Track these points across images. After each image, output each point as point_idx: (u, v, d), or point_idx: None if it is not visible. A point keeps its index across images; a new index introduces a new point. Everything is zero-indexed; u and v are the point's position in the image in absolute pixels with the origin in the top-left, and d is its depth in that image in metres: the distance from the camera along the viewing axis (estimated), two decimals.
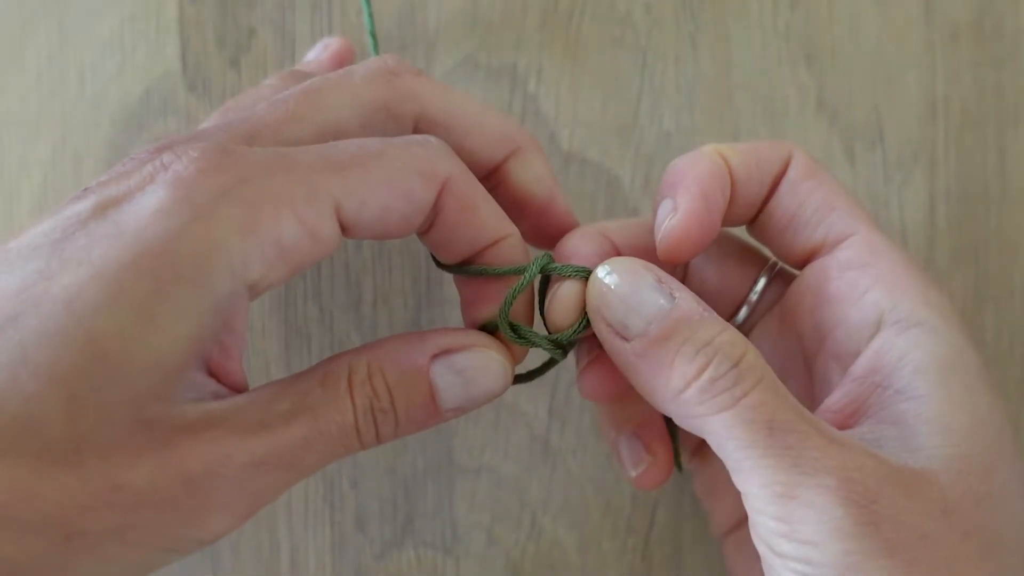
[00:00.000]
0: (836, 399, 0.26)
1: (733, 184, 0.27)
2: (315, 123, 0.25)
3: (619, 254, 0.27)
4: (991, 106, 0.34)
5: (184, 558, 0.23)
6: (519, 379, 0.28)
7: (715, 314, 0.25)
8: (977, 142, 0.34)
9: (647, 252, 0.27)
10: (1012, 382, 0.34)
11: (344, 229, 0.24)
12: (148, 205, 0.22)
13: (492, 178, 0.28)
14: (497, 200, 0.28)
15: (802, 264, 0.28)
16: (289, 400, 0.24)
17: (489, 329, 0.27)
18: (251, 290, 0.23)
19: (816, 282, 0.27)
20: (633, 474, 0.30)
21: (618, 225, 0.28)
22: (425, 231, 0.26)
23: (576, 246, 0.27)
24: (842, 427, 0.25)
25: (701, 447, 0.31)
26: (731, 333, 0.24)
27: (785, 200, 0.28)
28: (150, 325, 0.21)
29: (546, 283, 0.28)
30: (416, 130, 0.27)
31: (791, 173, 0.28)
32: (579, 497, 0.34)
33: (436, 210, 0.25)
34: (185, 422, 0.22)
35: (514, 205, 0.29)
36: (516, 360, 0.27)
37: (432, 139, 0.26)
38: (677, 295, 0.25)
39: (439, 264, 0.28)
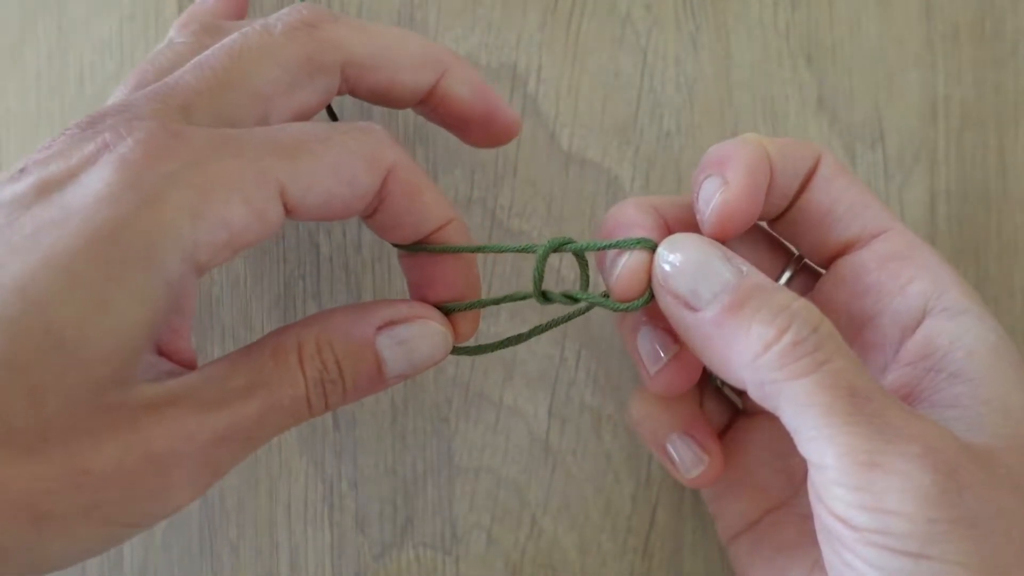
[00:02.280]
0: (891, 383, 0.26)
1: (771, 174, 0.27)
2: (246, 90, 0.26)
3: (669, 227, 0.28)
4: (991, 106, 0.34)
5: (148, 530, 0.24)
6: (472, 351, 0.29)
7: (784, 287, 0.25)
8: (977, 142, 0.34)
9: (691, 229, 0.27)
10: None
11: (288, 211, 0.25)
12: (94, 189, 0.22)
13: (428, 102, 0.29)
14: (440, 120, 0.30)
15: (829, 260, 0.28)
16: (243, 375, 0.24)
17: (445, 310, 0.28)
18: (199, 270, 0.23)
19: (852, 275, 0.28)
20: (691, 475, 0.29)
21: (661, 200, 0.29)
22: (370, 215, 0.27)
23: (633, 217, 0.27)
24: None
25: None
26: (806, 301, 0.24)
27: (819, 195, 0.28)
28: (105, 311, 0.22)
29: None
30: (344, 77, 0.27)
31: (823, 170, 0.28)
32: (579, 497, 0.34)
33: (381, 196, 0.26)
34: (145, 402, 0.23)
35: (458, 121, 0.30)
36: (459, 332, 0.28)
37: (377, 127, 0.26)
38: (744, 268, 0.25)
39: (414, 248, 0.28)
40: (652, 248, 0.26)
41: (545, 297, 0.28)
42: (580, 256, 0.28)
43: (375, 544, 0.34)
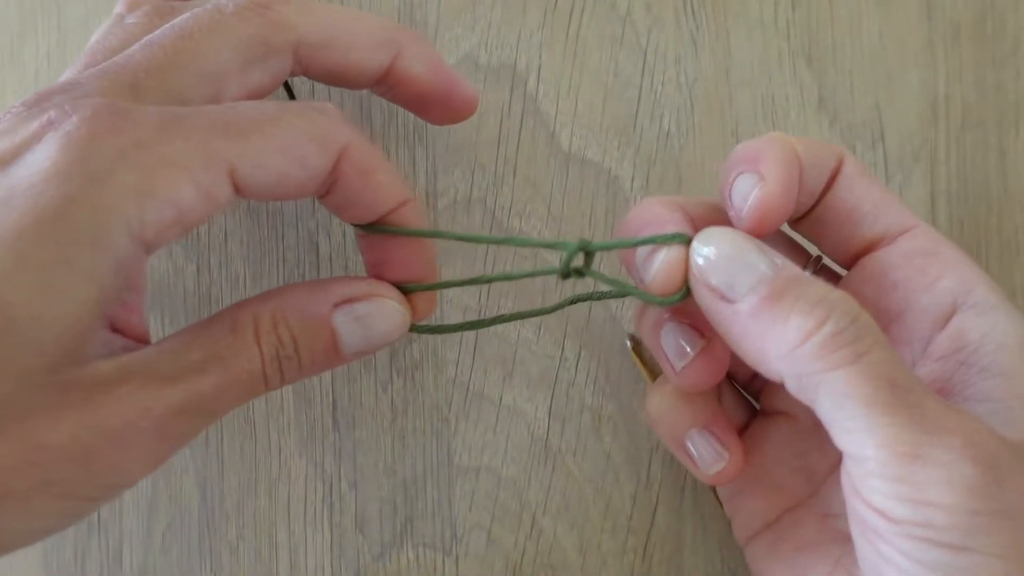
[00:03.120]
0: (922, 377, 0.26)
1: (800, 172, 0.27)
2: (196, 69, 0.25)
3: (695, 225, 0.27)
4: (992, 106, 0.34)
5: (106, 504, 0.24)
6: (430, 330, 0.29)
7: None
8: (978, 142, 0.34)
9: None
10: None
11: (239, 191, 0.24)
12: (40, 167, 0.22)
13: (386, 82, 0.29)
14: (399, 100, 0.30)
15: (854, 258, 0.28)
16: (199, 350, 0.24)
17: (404, 289, 0.28)
18: (148, 248, 0.23)
19: (879, 271, 0.28)
20: (711, 472, 0.29)
21: (683, 200, 0.28)
22: (324, 195, 0.27)
23: (662, 214, 0.27)
24: None
25: None
26: (843, 292, 0.24)
27: (844, 194, 0.28)
28: (56, 291, 0.22)
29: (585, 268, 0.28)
30: (297, 57, 0.27)
31: (848, 169, 0.28)
32: (579, 497, 0.34)
33: (334, 176, 0.26)
34: (100, 378, 0.23)
35: (417, 99, 0.30)
36: (417, 312, 0.28)
37: (330, 106, 0.26)
38: (779, 260, 0.25)
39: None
40: (687, 243, 0.26)
41: (577, 273, 0.27)
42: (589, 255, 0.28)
43: (375, 544, 0.34)
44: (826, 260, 0.30)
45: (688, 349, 0.28)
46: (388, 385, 0.34)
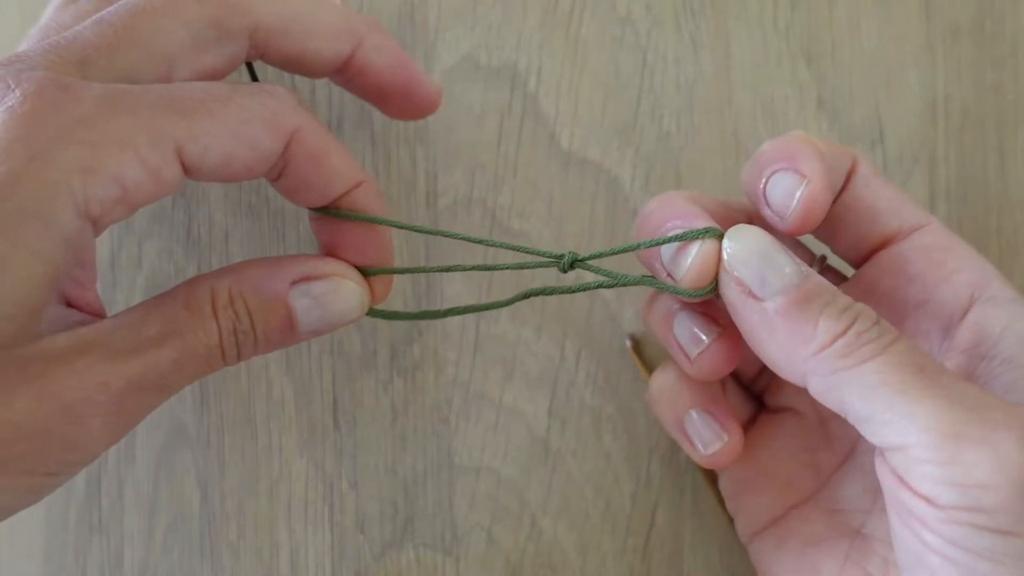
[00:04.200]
0: None
1: None
2: (147, 48, 0.25)
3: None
4: (991, 106, 0.34)
5: (68, 480, 0.24)
6: (387, 315, 0.29)
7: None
8: (977, 142, 0.34)
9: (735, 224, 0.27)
10: None
11: (187, 171, 0.24)
12: None
13: (346, 72, 0.29)
14: (359, 91, 0.29)
15: (866, 256, 0.29)
16: (156, 324, 0.24)
17: (366, 273, 0.28)
18: (95, 225, 0.23)
19: (895, 265, 0.28)
20: (708, 452, 0.29)
21: (699, 196, 0.28)
22: (275, 179, 0.27)
23: (688, 208, 0.27)
24: None
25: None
26: (863, 304, 0.25)
27: (860, 192, 0.28)
28: (4, 270, 0.22)
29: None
30: (253, 42, 0.27)
31: (862, 170, 0.28)
32: (579, 498, 0.34)
33: (285, 159, 0.26)
34: (56, 352, 0.23)
35: (377, 91, 0.29)
36: (375, 295, 0.28)
37: (280, 89, 0.26)
38: (804, 266, 0.25)
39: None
40: (719, 236, 0.26)
41: (571, 266, 0.28)
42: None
43: (375, 544, 0.34)
44: (830, 260, 0.30)
45: (704, 337, 0.28)
46: (389, 385, 0.34)
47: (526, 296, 0.28)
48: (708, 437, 0.29)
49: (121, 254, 0.34)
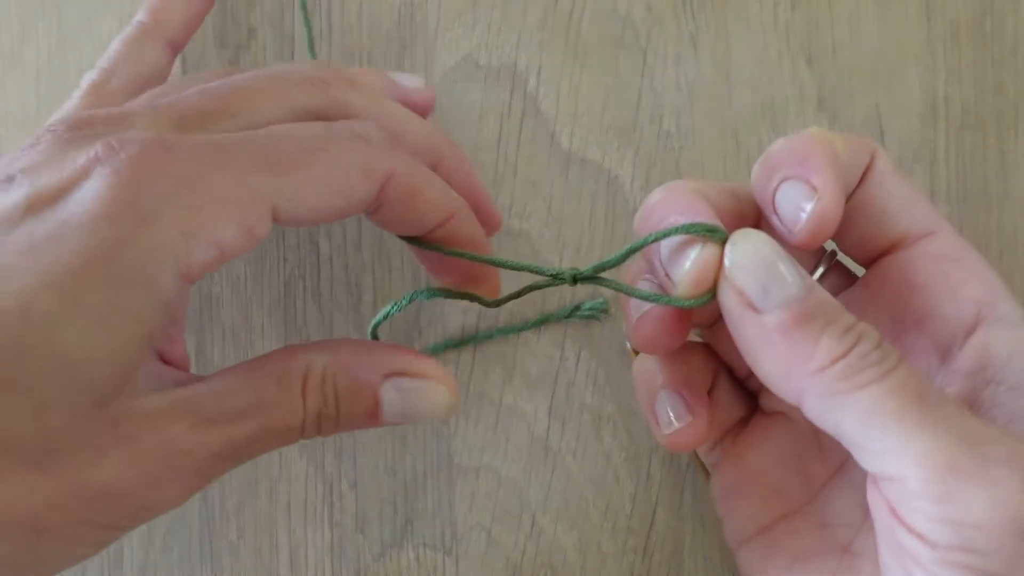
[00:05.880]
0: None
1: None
2: (244, 121, 0.26)
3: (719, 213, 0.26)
4: (991, 106, 0.34)
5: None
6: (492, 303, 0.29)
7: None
8: (977, 142, 0.34)
9: (738, 217, 0.26)
10: None
11: (278, 222, 0.25)
12: (90, 206, 0.22)
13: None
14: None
15: (875, 257, 0.28)
16: (246, 395, 0.24)
17: (485, 304, 0.28)
18: (190, 283, 0.24)
19: (900, 273, 0.27)
20: (667, 431, 0.28)
21: (705, 186, 0.27)
22: (371, 213, 0.27)
23: (692, 204, 0.25)
24: None
25: (727, 438, 0.30)
26: (866, 323, 0.24)
27: (874, 191, 0.27)
28: (107, 331, 0.22)
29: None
30: None
31: (879, 165, 0.27)
32: (579, 497, 0.34)
33: (379, 200, 0.26)
34: (149, 414, 0.23)
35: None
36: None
37: (373, 130, 0.26)
38: (808, 279, 0.24)
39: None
40: (722, 239, 0.24)
41: (575, 282, 0.27)
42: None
43: (375, 544, 0.34)
44: (840, 256, 0.29)
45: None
46: None
47: (519, 294, 0.28)
48: (671, 416, 0.28)
49: None
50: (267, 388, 0.25)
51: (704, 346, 0.30)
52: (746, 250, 0.24)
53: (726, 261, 0.24)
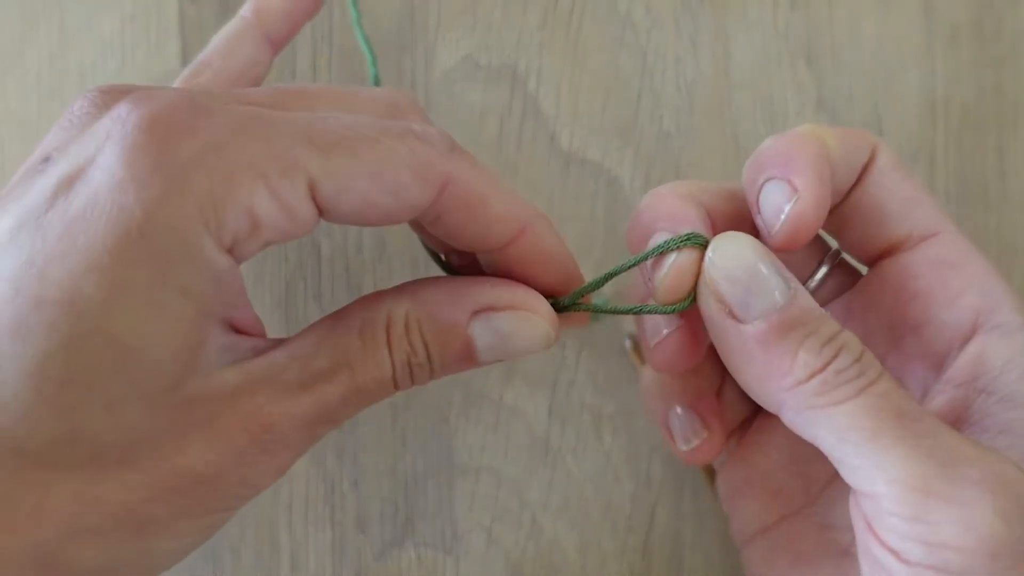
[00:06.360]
0: (938, 405, 0.25)
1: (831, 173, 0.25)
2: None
3: (711, 219, 0.26)
4: (991, 106, 0.34)
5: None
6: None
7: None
8: (977, 142, 0.34)
9: (733, 220, 0.26)
10: None
11: (321, 212, 0.23)
12: (114, 175, 0.21)
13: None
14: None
15: (875, 258, 0.27)
16: (328, 355, 0.23)
17: (559, 308, 0.25)
18: (236, 257, 0.22)
19: (899, 278, 0.26)
20: (685, 448, 0.29)
21: (699, 188, 0.26)
22: (430, 224, 0.25)
23: (677, 209, 0.25)
24: None
25: (733, 438, 0.30)
26: (849, 333, 0.23)
27: (873, 189, 0.26)
28: (159, 311, 0.21)
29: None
30: None
31: (880, 163, 0.26)
32: (579, 497, 0.34)
33: (437, 211, 0.24)
34: (225, 391, 0.22)
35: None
36: (552, 321, 0.25)
37: (434, 131, 0.24)
38: (793, 284, 0.23)
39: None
40: (702, 245, 0.24)
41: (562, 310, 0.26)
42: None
43: (376, 544, 0.34)
44: (844, 255, 0.29)
45: (663, 328, 0.26)
46: None
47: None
48: (687, 433, 0.29)
49: None
50: (349, 344, 0.23)
51: (709, 348, 0.30)
52: (728, 255, 0.24)
53: (707, 266, 0.24)
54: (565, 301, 0.25)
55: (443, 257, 0.29)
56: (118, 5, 0.35)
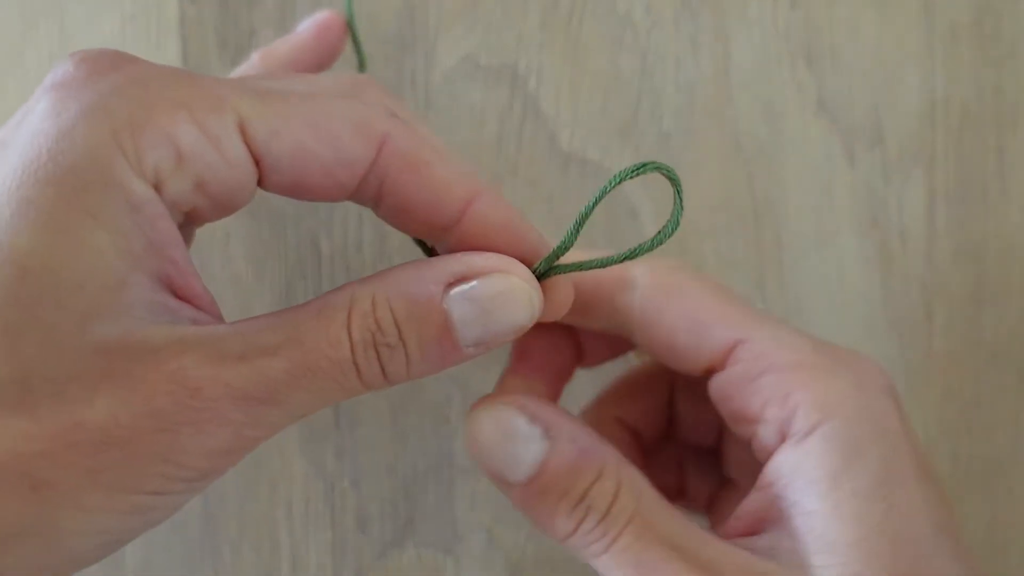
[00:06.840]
0: (748, 505, 0.26)
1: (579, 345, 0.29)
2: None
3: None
4: (991, 106, 0.34)
5: (183, 502, 0.21)
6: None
7: (591, 450, 0.25)
8: (977, 142, 0.34)
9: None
10: (1011, 382, 0.34)
11: (257, 161, 0.21)
12: (36, 113, 0.21)
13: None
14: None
15: (704, 375, 0.28)
16: (277, 332, 0.21)
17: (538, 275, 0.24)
18: (171, 205, 0.21)
19: (719, 399, 0.27)
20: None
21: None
22: (376, 203, 0.23)
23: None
24: (750, 533, 0.25)
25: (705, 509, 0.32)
26: (603, 481, 0.25)
27: (668, 321, 0.27)
28: (65, 235, 0.19)
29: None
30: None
31: (639, 292, 0.27)
32: None
33: (379, 176, 0.22)
34: (148, 347, 0.20)
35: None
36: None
37: (375, 88, 0.24)
38: (552, 433, 0.25)
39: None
40: (665, 171, 0.22)
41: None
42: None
43: (376, 544, 0.34)
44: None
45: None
46: None
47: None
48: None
49: None
50: (303, 322, 0.21)
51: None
52: (485, 428, 0.25)
53: (468, 441, 0.26)
54: (541, 267, 0.24)
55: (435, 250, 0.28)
56: (118, 5, 0.35)
